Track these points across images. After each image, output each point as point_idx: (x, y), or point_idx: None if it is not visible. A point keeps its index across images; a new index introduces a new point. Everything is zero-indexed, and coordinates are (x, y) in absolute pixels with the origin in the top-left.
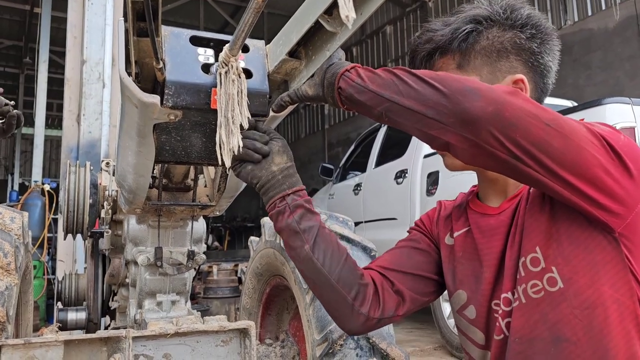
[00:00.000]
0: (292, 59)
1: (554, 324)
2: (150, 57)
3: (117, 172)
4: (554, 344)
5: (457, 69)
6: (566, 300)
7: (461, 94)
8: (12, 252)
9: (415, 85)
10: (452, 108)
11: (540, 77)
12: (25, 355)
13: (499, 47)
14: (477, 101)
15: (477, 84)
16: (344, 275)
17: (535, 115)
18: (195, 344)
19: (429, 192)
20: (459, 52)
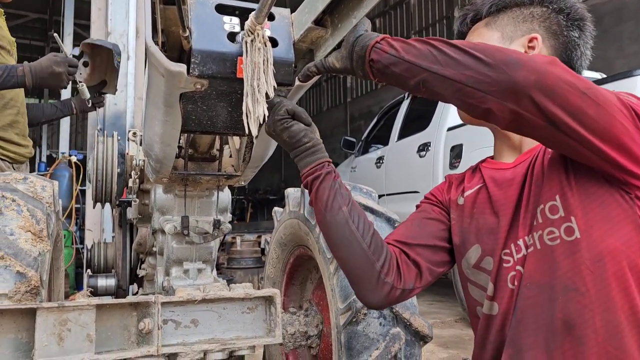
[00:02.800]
0: (317, 27)
1: (565, 272)
2: (177, 25)
3: (144, 142)
4: (563, 292)
5: (484, 27)
6: (580, 250)
7: (504, 63)
8: (44, 220)
9: (455, 55)
10: (495, 77)
11: (563, 49)
12: (59, 318)
13: (527, 14)
14: (520, 70)
15: (518, 54)
16: (374, 241)
17: (573, 84)
18: (222, 311)
19: (452, 166)
20: (492, 15)
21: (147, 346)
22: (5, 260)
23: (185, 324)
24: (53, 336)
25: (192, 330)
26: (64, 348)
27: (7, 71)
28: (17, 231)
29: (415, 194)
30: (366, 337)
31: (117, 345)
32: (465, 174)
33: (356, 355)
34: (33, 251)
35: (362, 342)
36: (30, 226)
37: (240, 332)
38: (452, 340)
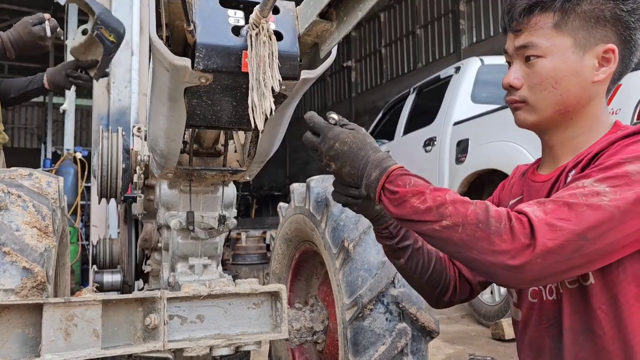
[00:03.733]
0: (323, 21)
1: (583, 315)
2: (181, 19)
3: (149, 137)
4: (583, 333)
5: (553, 28)
6: (595, 295)
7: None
8: (50, 215)
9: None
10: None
11: (628, 52)
12: (66, 314)
13: (599, 13)
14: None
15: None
16: (433, 276)
17: (573, 249)
18: (228, 306)
19: (458, 161)
20: (560, 11)
21: (154, 341)
22: (11, 256)
23: (191, 319)
24: (60, 331)
25: (198, 325)
26: (70, 343)
27: None
28: (23, 227)
29: None
30: (372, 332)
31: (124, 341)
32: (515, 177)
33: (362, 351)
34: (39, 247)
35: (369, 338)
36: (36, 222)
37: (246, 328)
38: (458, 336)
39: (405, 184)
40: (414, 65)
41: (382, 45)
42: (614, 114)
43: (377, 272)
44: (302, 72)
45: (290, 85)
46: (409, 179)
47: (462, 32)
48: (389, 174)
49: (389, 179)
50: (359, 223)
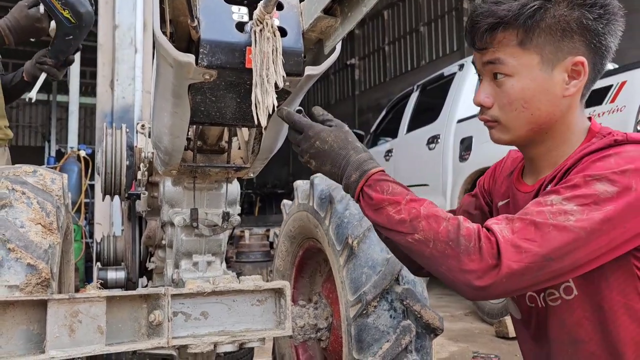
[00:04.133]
0: (327, 17)
1: (571, 327)
2: (185, 15)
3: (153, 134)
4: (571, 345)
5: (518, 46)
6: (580, 306)
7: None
8: (54, 212)
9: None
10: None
11: (599, 59)
12: (70, 310)
13: (564, 26)
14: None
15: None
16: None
17: (537, 269)
18: (232, 303)
19: (461, 158)
20: (524, 28)
21: (158, 338)
22: (16, 253)
23: (195, 316)
24: (64, 328)
25: (202, 322)
26: (75, 339)
27: None
28: (27, 224)
29: (425, 186)
30: (376, 329)
31: (128, 337)
32: (506, 166)
33: (366, 348)
34: (43, 244)
35: (373, 335)
36: (40, 219)
37: (250, 325)
38: (462, 333)
39: (383, 190)
40: (418, 62)
41: (386, 43)
42: (618, 112)
43: (381, 269)
44: (306, 68)
45: (294, 81)
46: (388, 186)
47: (465, 30)
48: (368, 177)
49: (368, 183)
50: (363, 220)
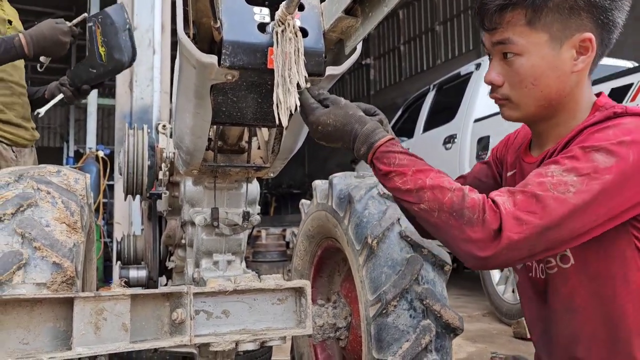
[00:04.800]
0: (348, 17)
1: (566, 295)
2: (207, 17)
3: (175, 134)
4: (566, 312)
5: (527, 25)
6: (577, 274)
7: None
8: (78, 212)
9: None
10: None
11: (607, 34)
12: (96, 308)
13: (571, 3)
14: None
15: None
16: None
17: (536, 239)
18: (253, 302)
19: (479, 158)
20: (532, 8)
21: (180, 336)
22: (41, 251)
23: (217, 314)
24: (90, 325)
25: (224, 320)
26: (100, 337)
27: (5, 43)
28: (53, 223)
29: None
30: (396, 329)
31: (151, 335)
32: (518, 138)
33: (386, 347)
34: (68, 242)
35: (392, 334)
36: (65, 218)
37: (270, 323)
38: (479, 334)
39: (390, 162)
40: (433, 62)
41: (401, 42)
42: None
43: (400, 269)
44: (327, 68)
45: (315, 81)
46: (394, 157)
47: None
48: (375, 150)
49: (376, 156)
50: (383, 220)
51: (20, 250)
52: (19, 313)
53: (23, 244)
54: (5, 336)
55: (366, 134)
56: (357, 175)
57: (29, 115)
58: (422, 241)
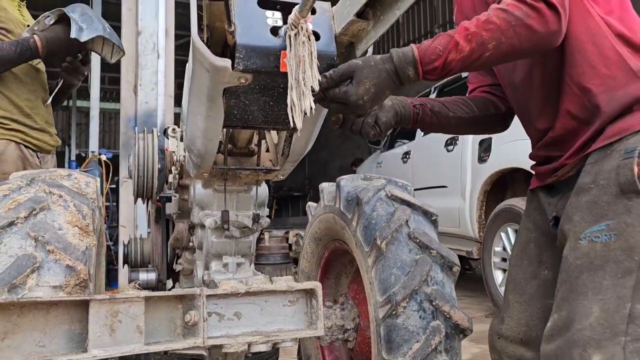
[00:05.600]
0: (359, 20)
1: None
2: (221, 21)
3: (187, 137)
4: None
5: None
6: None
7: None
8: (90, 215)
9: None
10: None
11: None
12: (111, 310)
13: None
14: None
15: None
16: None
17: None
18: (264, 304)
19: (481, 160)
20: None
21: (193, 338)
22: (55, 254)
23: (229, 316)
24: (105, 327)
25: (236, 322)
26: (115, 339)
27: (20, 46)
28: (65, 226)
29: (443, 188)
30: (406, 330)
31: (164, 337)
32: None
33: (396, 348)
34: (81, 245)
35: (402, 335)
36: (77, 221)
37: (282, 325)
38: (483, 335)
39: (437, 54)
40: None
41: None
42: None
43: (410, 270)
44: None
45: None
46: (434, 48)
47: None
48: (417, 62)
49: (423, 66)
50: (391, 221)
51: (33, 254)
52: (35, 316)
53: (36, 247)
54: (21, 339)
55: (400, 62)
56: (365, 178)
57: (52, 120)
58: (430, 242)
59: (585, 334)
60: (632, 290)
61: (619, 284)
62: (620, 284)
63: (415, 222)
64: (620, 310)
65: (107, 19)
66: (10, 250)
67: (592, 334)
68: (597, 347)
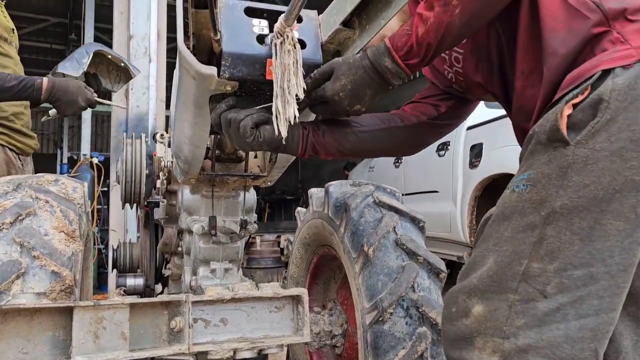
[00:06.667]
0: (346, 29)
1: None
2: (207, 29)
3: (174, 143)
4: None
5: None
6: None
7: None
8: (77, 220)
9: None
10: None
11: None
12: (95, 317)
13: None
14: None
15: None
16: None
17: None
18: (250, 310)
19: (472, 165)
20: None
21: (179, 344)
22: (40, 260)
23: (215, 322)
24: (89, 334)
25: (222, 329)
26: (99, 345)
27: (25, 82)
28: (51, 231)
29: (435, 193)
30: (392, 336)
31: (150, 344)
32: None
33: (382, 355)
34: (67, 251)
35: (389, 342)
36: (64, 227)
37: (268, 331)
38: None
39: (406, 34)
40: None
41: None
42: None
43: (396, 277)
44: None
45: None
46: (402, 31)
47: None
48: (391, 49)
49: (398, 52)
50: (379, 228)
51: (19, 260)
52: (19, 322)
53: (22, 253)
54: (4, 346)
55: (374, 55)
56: (353, 184)
57: (30, 124)
58: (417, 249)
59: (473, 282)
60: (531, 247)
61: (518, 239)
62: (519, 239)
63: (402, 229)
64: (513, 266)
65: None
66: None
67: (479, 284)
68: (481, 297)
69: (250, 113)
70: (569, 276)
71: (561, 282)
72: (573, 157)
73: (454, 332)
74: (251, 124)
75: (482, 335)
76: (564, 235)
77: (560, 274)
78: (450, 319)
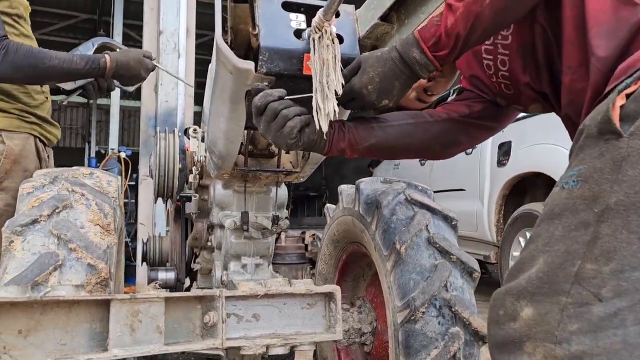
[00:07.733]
0: (384, 23)
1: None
2: (245, 23)
3: (208, 138)
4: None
5: None
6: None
7: None
8: (112, 214)
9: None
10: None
11: None
12: (131, 310)
13: None
14: None
15: None
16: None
17: None
18: (282, 306)
19: (500, 163)
20: None
21: (212, 339)
22: (77, 252)
23: (247, 318)
24: (126, 327)
25: (254, 324)
26: (135, 339)
27: (91, 62)
28: (87, 224)
29: (462, 191)
30: (424, 335)
31: (183, 337)
32: None
33: (414, 354)
34: (102, 244)
35: (421, 341)
36: (99, 220)
37: (300, 328)
38: None
39: (435, 25)
40: None
41: None
42: None
43: (429, 275)
44: None
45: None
46: (431, 21)
47: None
48: (419, 40)
49: (426, 42)
50: (411, 225)
51: (56, 252)
52: (57, 314)
53: (59, 246)
54: (44, 336)
55: (403, 47)
56: (384, 181)
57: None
58: (450, 247)
59: (522, 284)
60: (585, 246)
61: (571, 237)
62: (572, 238)
63: (435, 227)
64: (566, 267)
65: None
66: (33, 248)
67: (528, 286)
68: (531, 300)
69: (299, 113)
70: (626, 278)
71: (618, 285)
72: (627, 150)
73: (502, 336)
74: (299, 127)
75: (532, 339)
76: (621, 233)
77: (617, 276)
78: (497, 322)
